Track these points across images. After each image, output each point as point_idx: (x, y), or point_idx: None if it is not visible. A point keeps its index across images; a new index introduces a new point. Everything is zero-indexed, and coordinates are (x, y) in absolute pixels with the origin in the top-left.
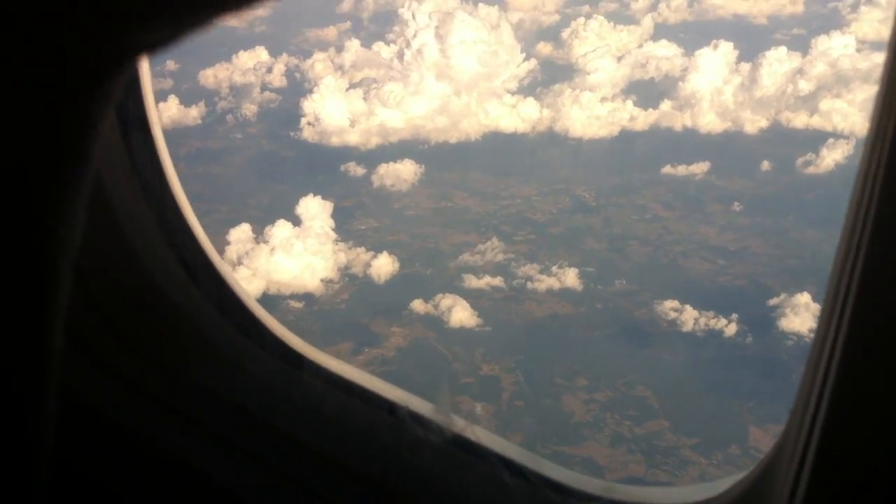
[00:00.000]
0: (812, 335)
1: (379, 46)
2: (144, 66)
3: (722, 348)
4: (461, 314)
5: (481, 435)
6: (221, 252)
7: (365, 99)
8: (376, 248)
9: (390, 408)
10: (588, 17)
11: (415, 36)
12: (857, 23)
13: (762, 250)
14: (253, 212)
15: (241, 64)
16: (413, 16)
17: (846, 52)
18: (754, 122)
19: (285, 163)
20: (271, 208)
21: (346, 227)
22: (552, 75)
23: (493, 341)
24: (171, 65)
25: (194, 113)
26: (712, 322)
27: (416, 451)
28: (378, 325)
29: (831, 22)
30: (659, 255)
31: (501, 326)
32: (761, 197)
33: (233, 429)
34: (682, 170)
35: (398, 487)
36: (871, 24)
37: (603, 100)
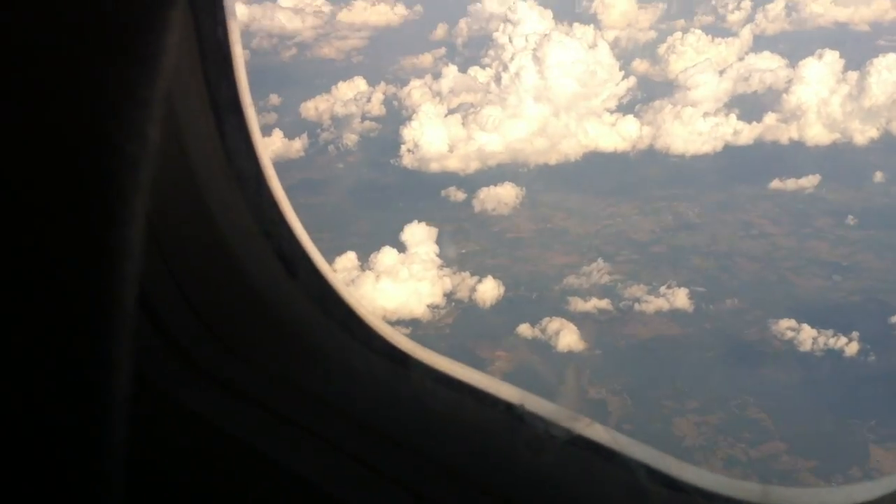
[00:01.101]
0: None
1: (475, 71)
2: (238, 49)
3: (839, 367)
4: (569, 338)
5: (611, 435)
6: None
7: (463, 124)
8: (479, 273)
9: (506, 406)
10: (684, 31)
11: (512, 59)
12: None
13: (876, 265)
14: (355, 239)
15: (340, 95)
16: (510, 39)
17: None
18: (864, 133)
19: (386, 190)
20: (373, 235)
21: (448, 252)
22: (651, 92)
23: (601, 364)
24: (274, 99)
25: (297, 146)
26: (832, 341)
27: (536, 451)
28: (483, 349)
29: None
30: (768, 272)
31: (610, 349)
32: (874, 209)
33: (339, 432)
34: (791, 184)
35: (516, 491)
36: None
37: (705, 115)
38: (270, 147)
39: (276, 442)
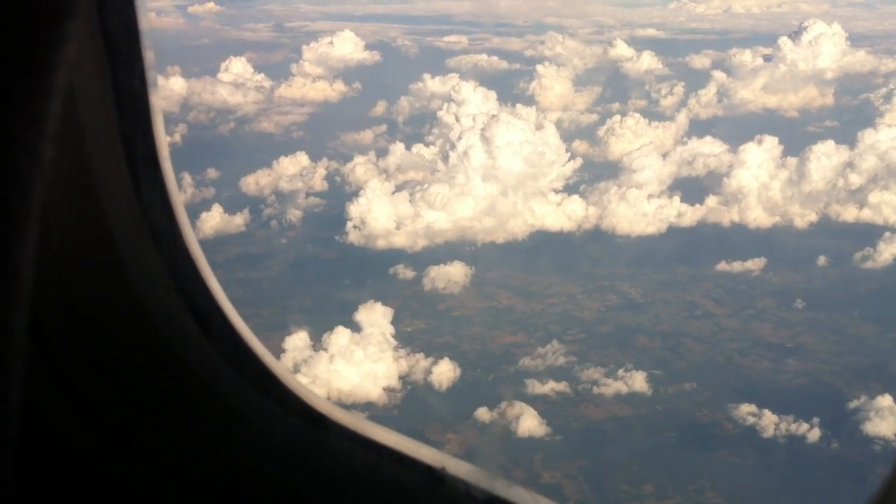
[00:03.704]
0: None
1: (419, 148)
2: (156, 102)
3: (802, 454)
4: (529, 422)
5: (532, 497)
6: (277, 359)
7: (411, 201)
8: (428, 352)
9: (426, 468)
10: (619, 114)
11: (459, 138)
12: (891, 113)
13: (820, 346)
14: (297, 315)
15: (282, 170)
16: (456, 118)
17: (895, 144)
18: (804, 217)
19: (329, 266)
20: (317, 311)
21: (398, 331)
22: (596, 173)
23: (559, 448)
24: (212, 173)
25: (238, 220)
26: (793, 427)
27: None
28: (434, 432)
29: (863, 113)
30: (715, 353)
31: (568, 433)
32: (816, 291)
33: (252, 495)
34: (737, 266)
35: None
36: None
37: (650, 197)
38: (209, 223)
39: (180, 501)
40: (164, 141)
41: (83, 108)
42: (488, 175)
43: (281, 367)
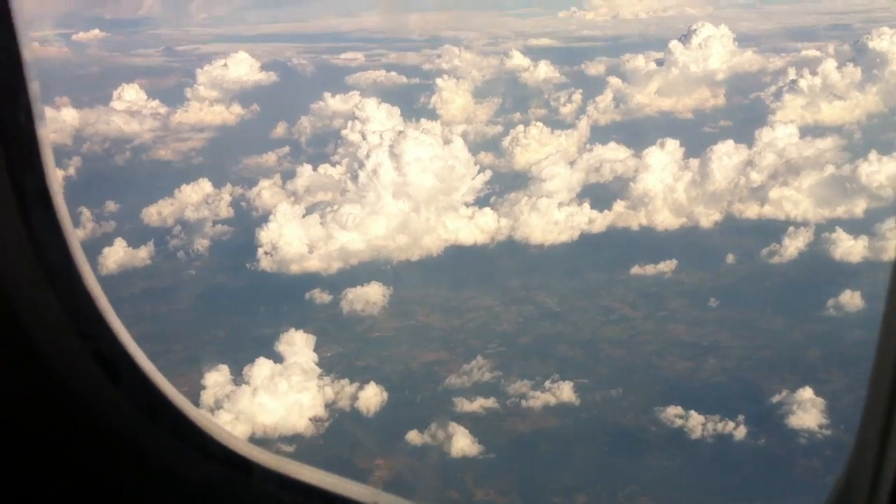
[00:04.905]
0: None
1: (325, 168)
2: (44, 135)
3: (730, 452)
4: (461, 442)
5: None
6: (196, 396)
7: (322, 223)
8: (349, 376)
9: None
10: (521, 123)
11: (367, 156)
12: (782, 110)
13: (735, 343)
14: (211, 348)
15: (185, 198)
16: (362, 136)
17: (791, 140)
18: (709, 216)
19: (242, 295)
20: (233, 343)
21: (320, 358)
22: (506, 184)
23: (492, 465)
24: (111, 206)
25: (143, 253)
26: (720, 426)
27: None
28: (362, 458)
29: (755, 112)
30: (633, 357)
31: (500, 449)
32: (728, 290)
33: None
34: (650, 269)
35: None
36: (795, 110)
37: (560, 205)
38: (112, 258)
39: None
40: (56, 176)
41: None
42: (399, 192)
43: (197, 410)
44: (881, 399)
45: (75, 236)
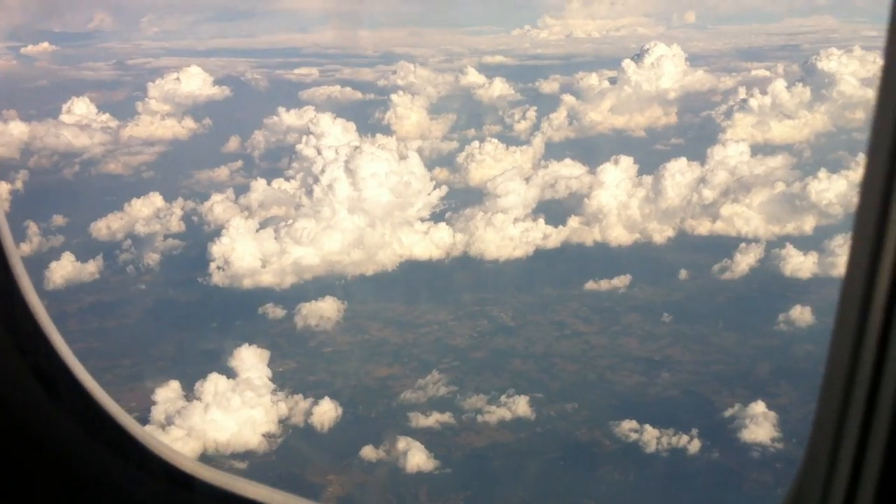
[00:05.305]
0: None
1: (279, 183)
2: None
3: (683, 465)
4: (417, 457)
5: None
6: (147, 412)
7: (276, 238)
8: (301, 391)
9: None
10: (476, 140)
11: (322, 171)
12: (732, 129)
13: (687, 357)
14: (160, 363)
15: (135, 212)
16: (317, 151)
17: (742, 158)
18: (662, 233)
19: (194, 309)
20: (183, 359)
21: (273, 372)
22: (461, 200)
23: (448, 480)
24: (59, 220)
25: (91, 268)
26: (674, 440)
27: None
28: (314, 474)
29: (706, 130)
30: (587, 371)
31: (456, 464)
32: (680, 305)
33: None
34: (604, 284)
35: None
36: (745, 128)
37: (515, 221)
38: (59, 273)
39: None
40: None
41: None
42: (354, 207)
43: (138, 426)
44: (831, 412)
45: (15, 250)
